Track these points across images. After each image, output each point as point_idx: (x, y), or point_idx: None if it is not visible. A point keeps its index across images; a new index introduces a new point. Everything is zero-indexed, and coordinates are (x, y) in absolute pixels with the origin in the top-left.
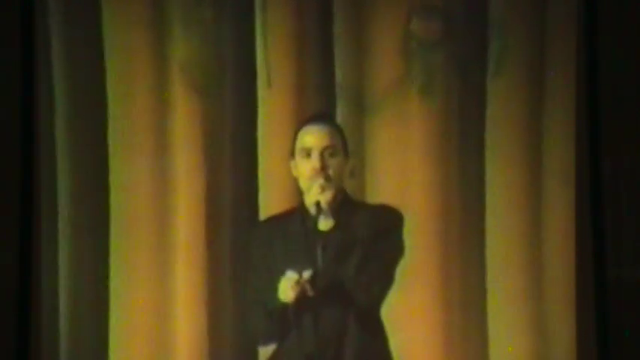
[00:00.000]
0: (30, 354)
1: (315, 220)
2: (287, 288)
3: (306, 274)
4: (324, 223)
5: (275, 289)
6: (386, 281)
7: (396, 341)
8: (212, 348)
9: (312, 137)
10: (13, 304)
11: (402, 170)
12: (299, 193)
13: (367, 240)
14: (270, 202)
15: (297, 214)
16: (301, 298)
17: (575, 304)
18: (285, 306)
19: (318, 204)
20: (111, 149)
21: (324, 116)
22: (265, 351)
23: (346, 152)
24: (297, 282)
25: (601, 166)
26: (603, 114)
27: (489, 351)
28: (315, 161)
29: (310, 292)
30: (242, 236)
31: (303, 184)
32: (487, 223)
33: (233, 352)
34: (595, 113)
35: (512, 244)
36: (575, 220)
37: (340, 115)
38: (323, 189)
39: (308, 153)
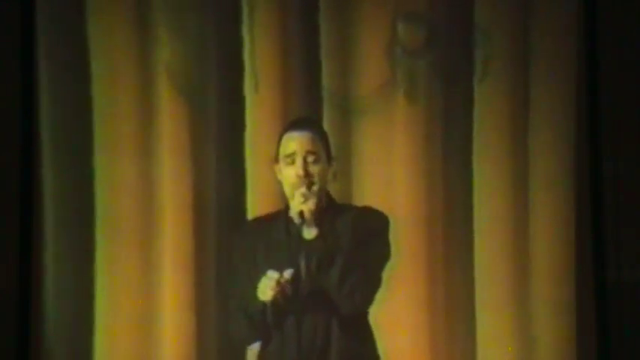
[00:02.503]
0: (30, 353)
1: (298, 229)
2: (266, 287)
3: (287, 273)
4: (308, 232)
5: (256, 292)
6: (371, 287)
7: (381, 346)
8: (199, 351)
9: (295, 144)
10: (13, 307)
11: (387, 174)
12: (286, 197)
13: (351, 247)
14: (257, 206)
15: (282, 219)
16: (281, 298)
17: (574, 305)
18: (265, 307)
19: (301, 213)
20: (96, 153)
21: (307, 122)
22: (252, 348)
23: (330, 158)
24: (277, 281)
25: (601, 167)
26: (603, 114)
27: (477, 356)
28: (298, 168)
29: (289, 292)
30: (229, 240)
31: (286, 189)
32: (474, 227)
33: (220, 355)
34: (595, 113)
35: (500, 248)
36: (574, 220)
37: (326, 119)
38: (305, 198)
39: (292, 159)
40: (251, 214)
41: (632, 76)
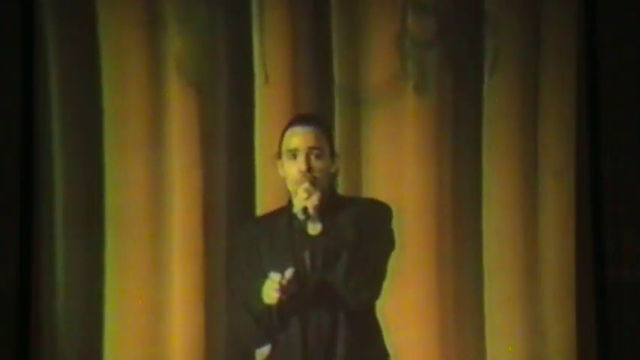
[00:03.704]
0: (29, 353)
1: (303, 225)
2: (270, 290)
3: (288, 273)
4: (313, 228)
5: (260, 292)
6: (377, 281)
7: (391, 339)
8: (208, 346)
9: (298, 139)
10: (14, 304)
11: (396, 167)
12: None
13: (355, 242)
14: (266, 199)
15: (285, 216)
16: (285, 300)
17: (575, 304)
18: (270, 309)
19: (305, 209)
20: (106, 147)
21: (311, 118)
22: (262, 351)
23: (333, 154)
24: (280, 283)
25: (601, 166)
26: (603, 113)
27: (486, 349)
28: (300, 163)
29: (293, 291)
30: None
31: (290, 185)
32: (483, 221)
33: (229, 350)
34: (595, 112)
35: (508, 242)
36: (574, 219)
37: (336, 111)
38: (309, 194)
39: (294, 154)
40: (260, 208)
41: (632, 76)
